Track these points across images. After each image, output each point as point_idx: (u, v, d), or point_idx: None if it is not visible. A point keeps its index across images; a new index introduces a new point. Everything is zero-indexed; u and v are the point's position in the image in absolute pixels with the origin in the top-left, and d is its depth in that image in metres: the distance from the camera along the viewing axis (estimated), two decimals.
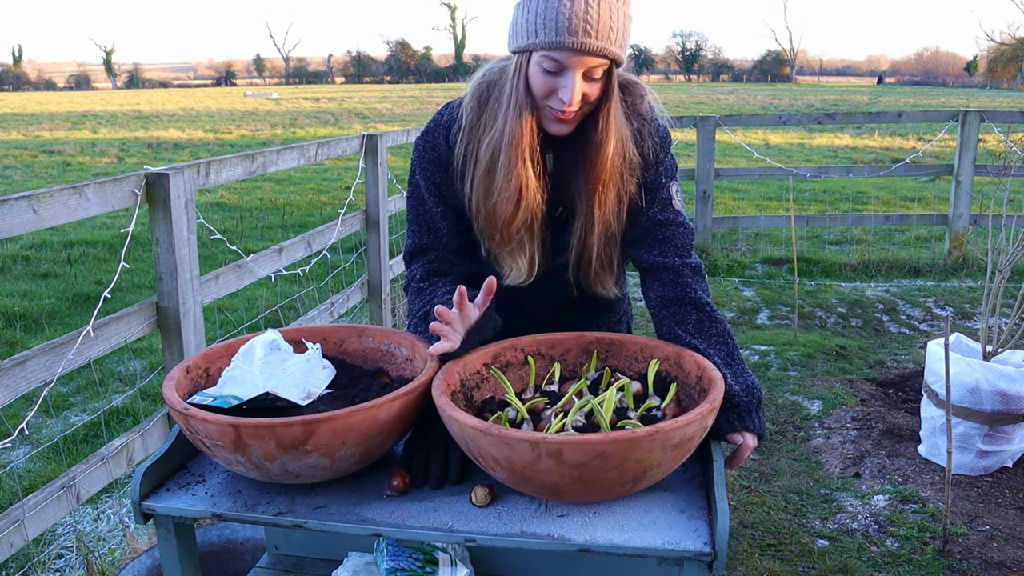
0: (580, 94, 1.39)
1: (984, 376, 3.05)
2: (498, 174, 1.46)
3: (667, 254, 1.54)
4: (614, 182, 1.49)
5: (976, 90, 59.29)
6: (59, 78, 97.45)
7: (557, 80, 1.38)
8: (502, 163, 1.45)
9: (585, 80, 1.39)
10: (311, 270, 4.37)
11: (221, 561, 2.09)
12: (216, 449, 1.24)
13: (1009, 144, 6.93)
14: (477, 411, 1.40)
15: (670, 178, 1.58)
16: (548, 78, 1.39)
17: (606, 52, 1.35)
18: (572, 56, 1.35)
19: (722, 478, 1.24)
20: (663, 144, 1.56)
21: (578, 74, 1.37)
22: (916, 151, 12.14)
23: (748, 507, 3.00)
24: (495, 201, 1.48)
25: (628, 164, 1.50)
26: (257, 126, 22.67)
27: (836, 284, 6.21)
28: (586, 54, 1.34)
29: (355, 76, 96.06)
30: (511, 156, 1.44)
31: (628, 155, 1.50)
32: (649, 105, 1.56)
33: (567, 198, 1.54)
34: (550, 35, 1.34)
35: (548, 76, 1.38)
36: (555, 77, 1.38)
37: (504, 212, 1.48)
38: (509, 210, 1.47)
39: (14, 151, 16.40)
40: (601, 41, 1.34)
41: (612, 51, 1.36)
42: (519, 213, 1.47)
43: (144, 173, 2.67)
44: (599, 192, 1.48)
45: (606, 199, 1.49)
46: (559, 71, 1.37)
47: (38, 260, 7.21)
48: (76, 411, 4.02)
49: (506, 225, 1.49)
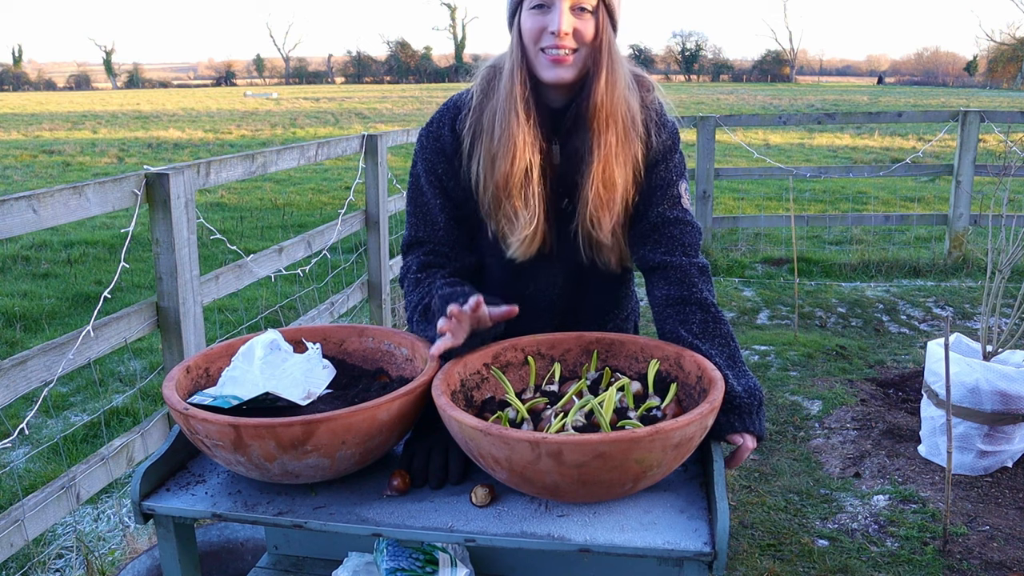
0: (570, 24, 1.41)
1: (984, 376, 3.05)
2: (495, 132, 1.49)
3: (674, 253, 1.54)
4: (613, 124, 1.47)
5: (976, 90, 59.31)
6: (59, 78, 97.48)
7: (546, 17, 1.42)
8: (499, 120, 1.49)
9: (575, 15, 1.42)
10: (311, 270, 4.37)
11: (221, 561, 2.09)
12: (216, 449, 1.24)
13: (1009, 144, 6.93)
14: (477, 411, 1.40)
15: (680, 176, 1.58)
16: (537, 17, 1.42)
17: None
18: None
19: (722, 478, 1.24)
20: (672, 139, 1.57)
21: (564, 4, 1.40)
22: (916, 151, 12.15)
23: (748, 507, 3.00)
24: (494, 156, 1.49)
25: (632, 123, 1.50)
26: (257, 126, 22.67)
27: (836, 284, 6.21)
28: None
29: (355, 76, 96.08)
30: (506, 111, 1.47)
31: (631, 112, 1.50)
32: (658, 101, 1.57)
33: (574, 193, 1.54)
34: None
35: (537, 16, 1.42)
36: (544, 15, 1.42)
37: (502, 169, 1.49)
38: (506, 165, 1.48)
39: (14, 151, 16.40)
40: None
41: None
42: (515, 165, 1.48)
43: (144, 173, 2.67)
44: (598, 130, 1.47)
45: (606, 140, 1.47)
46: (547, 6, 1.41)
47: (38, 260, 7.21)
48: (76, 411, 4.02)
49: (504, 182, 1.50)
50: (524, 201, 1.50)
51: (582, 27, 1.42)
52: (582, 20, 1.42)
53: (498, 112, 1.49)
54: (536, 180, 1.50)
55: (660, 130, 1.55)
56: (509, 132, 1.47)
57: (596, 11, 1.43)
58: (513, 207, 1.51)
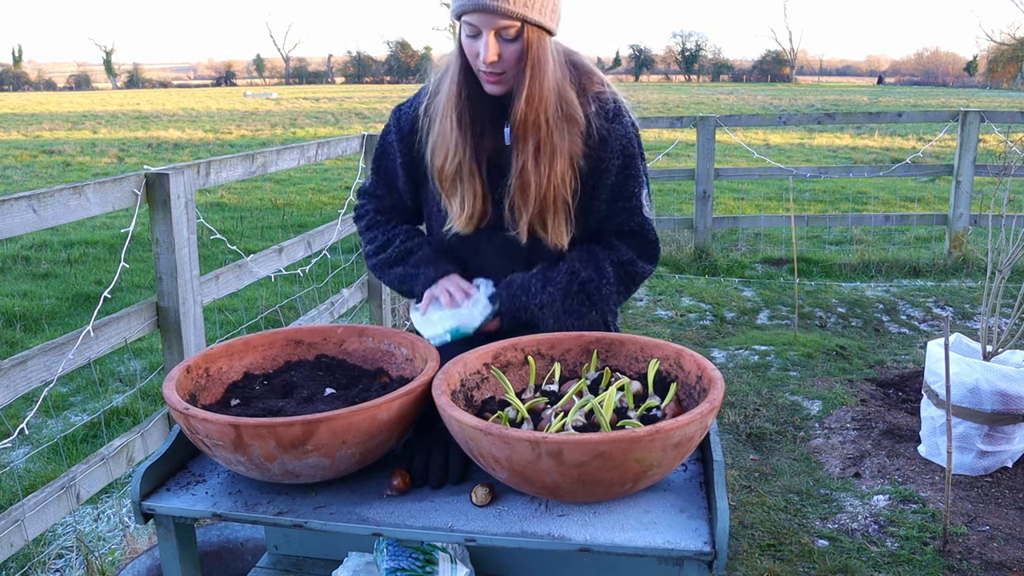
0: (494, 54, 1.51)
1: (984, 376, 3.05)
2: (434, 128, 1.64)
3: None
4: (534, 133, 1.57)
5: (976, 90, 59.30)
6: (59, 78, 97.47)
7: (477, 43, 1.53)
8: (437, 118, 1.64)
9: (500, 41, 1.52)
10: (311, 270, 4.36)
11: (221, 561, 2.09)
12: (216, 449, 1.24)
13: (1009, 144, 6.92)
14: (477, 411, 1.40)
15: (642, 185, 1.69)
16: (471, 42, 1.54)
17: (506, 11, 1.48)
18: (479, 16, 1.49)
19: (722, 478, 1.24)
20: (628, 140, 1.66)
21: (490, 34, 1.51)
22: (916, 151, 12.15)
23: (748, 507, 3.00)
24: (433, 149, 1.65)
25: (564, 115, 1.60)
26: (257, 126, 22.67)
27: (836, 284, 6.21)
28: (486, 13, 1.48)
29: (355, 76, 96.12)
30: (443, 112, 1.62)
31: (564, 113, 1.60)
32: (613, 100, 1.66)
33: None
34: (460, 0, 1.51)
35: (471, 41, 1.54)
36: (475, 41, 1.53)
37: (437, 163, 1.64)
38: (439, 160, 1.64)
39: (14, 151, 16.40)
40: (498, 1, 1.48)
41: (513, 11, 1.49)
42: (445, 163, 1.62)
43: (144, 173, 2.67)
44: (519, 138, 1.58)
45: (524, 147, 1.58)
46: (477, 34, 1.53)
47: (38, 260, 7.21)
48: (76, 411, 4.02)
49: (439, 174, 1.65)
50: (458, 191, 1.65)
51: (507, 52, 1.53)
52: (507, 45, 1.52)
53: (438, 110, 1.64)
54: (471, 173, 1.63)
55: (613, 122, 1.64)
56: (443, 132, 1.62)
57: (520, 34, 1.52)
58: (448, 195, 1.66)
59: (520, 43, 1.52)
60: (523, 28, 1.51)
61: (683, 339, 4.90)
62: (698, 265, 6.72)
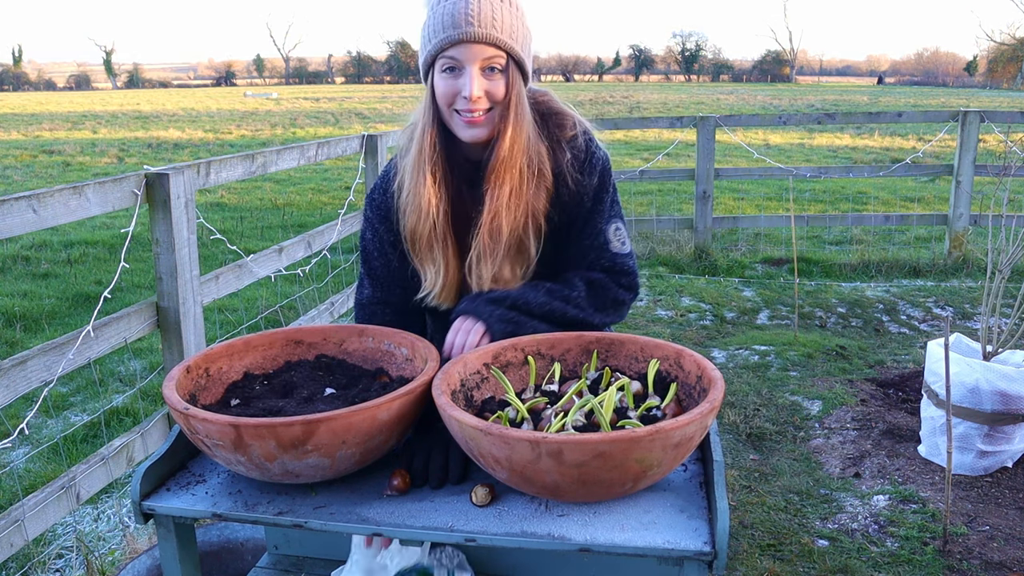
0: (481, 88, 1.45)
1: (984, 376, 3.05)
2: (405, 189, 1.56)
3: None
4: (509, 176, 1.51)
5: (976, 90, 59.30)
6: (59, 78, 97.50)
7: (458, 81, 1.46)
8: (408, 178, 1.55)
9: (485, 76, 1.45)
10: (311, 270, 4.36)
11: (221, 561, 2.09)
12: (216, 449, 1.24)
13: (1009, 144, 6.92)
14: (477, 411, 1.40)
15: (609, 220, 1.62)
16: (450, 81, 1.46)
17: (495, 40, 1.42)
18: (464, 49, 1.42)
19: (722, 478, 1.24)
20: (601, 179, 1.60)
21: (475, 67, 1.44)
22: (916, 151, 12.15)
23: (748, 507, 3.00)
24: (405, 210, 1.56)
25: (534, 171, 1.53)
26: (257, 126, 22.67)
27: (836, 284, 6.21)
28: (475, 42, 1.42)
29: (355, 76, 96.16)
30: (414, 171, 1.54)
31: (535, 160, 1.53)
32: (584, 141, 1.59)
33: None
34: (438, 34, 1.43)
35: (449, 80, 1.46)
36: (456, 79, 1.46)
37: (411, 224, 1.56)
38: (413, 220, 1.55)
39: (14, 151, 16.40)
40: (486, 29, 1.42)
41: (502, 39, 1.42)
42: (421, 222, 1.54)
43: (144, 173, 2.67)
44: (493, 184, 1.51)
45: (499, 192, 1.51)
46: (458, 69, 1.45)
47: (38, 260, 7.21)
48: (76, 411, 4.02)
49: (412, 236, 1.57)
50: (433, 254, 1.57)
51: (492, 88, 1.46)
52: (492, 80, 1.46)
53: (408, 170, 1.55)
54: (445, 233, 1.55)
55: (585, 173, 1.58)
56: (416, 191, 1.53)
57: (506, 68, 1.46)
58: (423, 260, 1.59)
59: (503, 81, 1.46)
60: (508, 63, 1.46)
61: (683, 339, 4.90)
62: (698, 265, 6.73)
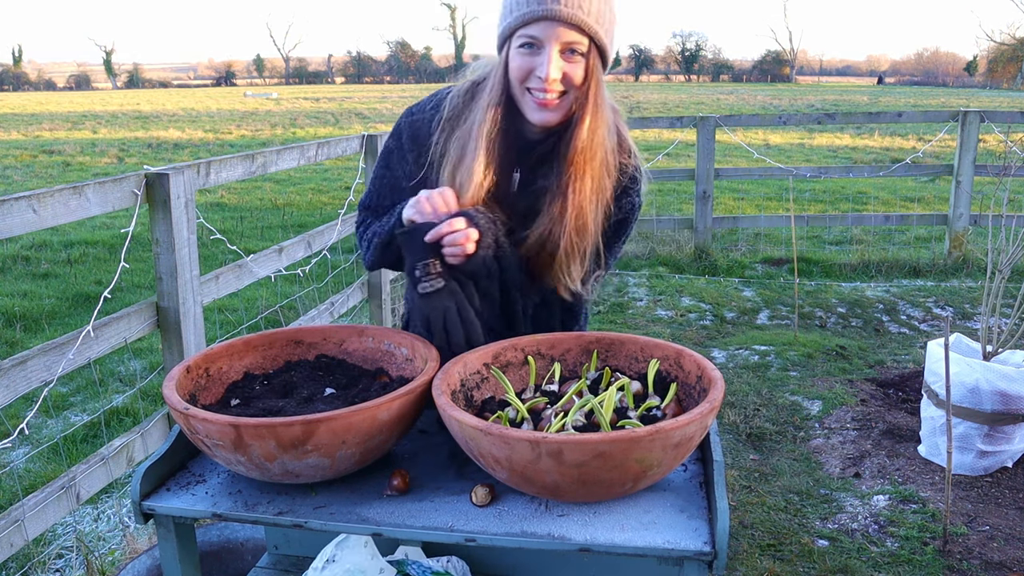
0: (559, 70, 1.36)
1: (984, 376, 3.05)
2: (461, 159, 1.46)
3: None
4: (591, 168, 1.44)
5: (976, 90, 59.31)
6: (59, 78, 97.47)
7: (535, 59, 1.37)
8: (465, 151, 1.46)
9: (565, 58, 1.37)
10: (311, 270, 4.36)
11: (221, 561, 2.09)
12: (216, 449, 1.24)
13: (1009, 144, 6.93)
14: (477, 411, 1.40)
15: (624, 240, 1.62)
16: (526, 58, 1.38)
17: (580, 21, 1.34)
18: (546, 26, 1.34)
19: (722, 478, 1.24)
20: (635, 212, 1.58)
21: (554, 48, 1.36)
22: (916, 151, 12.15)
23: (748, 507, 3.00)
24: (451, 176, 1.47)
25: (608, 169, 1.47)
26: (257, 126, 22.67)
27: (836, 284, 6.21)
28: (558, 21, 1.33)
29: (355, 76, 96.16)
30: (474, 146, 1.44)
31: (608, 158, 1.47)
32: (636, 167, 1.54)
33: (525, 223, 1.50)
34: (521, 7, 1.35)
35: (526, 56, 1.38)
36: (533, 57, 1.37)
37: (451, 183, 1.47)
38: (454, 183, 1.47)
39: (14, 151, 16.40)
40: (572, 9, 1.33)
41: (587, 23, 1.35)
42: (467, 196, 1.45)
43: (144, 173, 2.67)
44: (575, 175, 1.43)
45: (581, 185, 1.44)
46: (537, 47, 1.36)
47: (38, 260, 7.21)
48: (76, 411, 4.02)
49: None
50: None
51: (571, 71, 1.38)
52: (572, 63, 1.38)
53: (467, 143, 1.46)
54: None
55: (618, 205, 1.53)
56: (470, 168, 1.44)
57: (588, 53, 1.39)
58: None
59: (583, 65, 1.38)
60: (590, 49, 1.38)
61: (683, 339, 4.90)
62: (698, 265, 6.73)
